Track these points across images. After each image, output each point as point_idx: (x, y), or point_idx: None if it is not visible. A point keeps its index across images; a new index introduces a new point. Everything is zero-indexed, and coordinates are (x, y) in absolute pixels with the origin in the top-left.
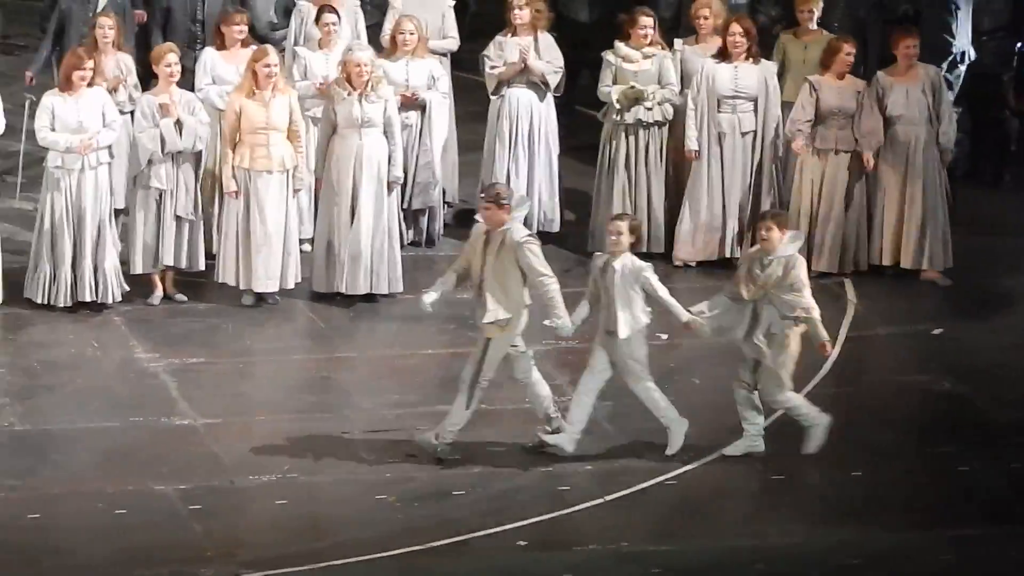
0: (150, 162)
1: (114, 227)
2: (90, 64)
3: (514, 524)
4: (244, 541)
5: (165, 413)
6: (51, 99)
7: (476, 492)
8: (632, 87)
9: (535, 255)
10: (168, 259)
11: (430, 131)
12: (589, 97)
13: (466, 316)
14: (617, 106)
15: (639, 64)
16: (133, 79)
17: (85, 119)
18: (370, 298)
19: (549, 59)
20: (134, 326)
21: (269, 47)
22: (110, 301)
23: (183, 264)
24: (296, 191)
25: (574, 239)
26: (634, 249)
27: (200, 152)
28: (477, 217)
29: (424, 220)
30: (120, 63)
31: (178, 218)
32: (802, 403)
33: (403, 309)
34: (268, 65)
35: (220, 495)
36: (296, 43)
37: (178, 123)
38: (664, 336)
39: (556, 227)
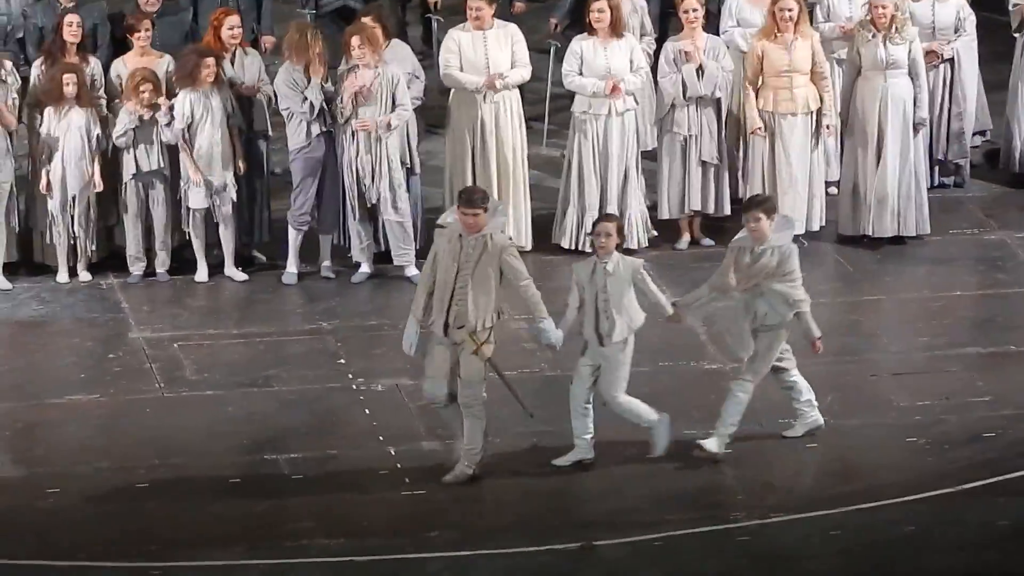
0: (673, 107)
1: (640, 173)
2: (607, 11)
3: None
4: (773, 484)
5: (694, 358)
6: (579, 44)
7: (1008, 434)
8: None
9: (518, 258)
10: (695, 204)
11: (960, 79)
12: None
13: (995, 257)
14: None
15: None
16: (648, 24)
17: (613, 64)
18: (897, 240)
19: None
20: (662, 271)
21: None
22: (635, 246)
23: (710, 209)
24: (829, 132)
25: None
26: (619, 248)
27: (720, 98)
28: (441, 222)
29: (951, 164)
30: (636, 6)
31: (703, 163)
32: (744, 404)
33: (931, 251)
34: (783, 8)
35: (750, 439)
36: None
37: (700, 69)
38: None
39: None
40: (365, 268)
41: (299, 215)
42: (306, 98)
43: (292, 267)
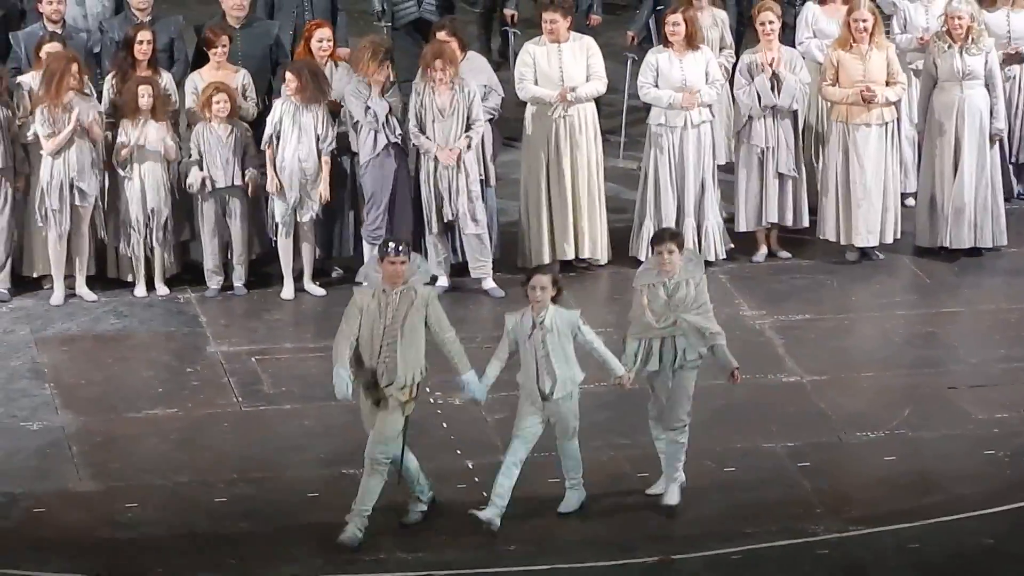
0: (750, 119)
1: (717, 185)
2: (682, 24)
3: None
4: (852, 497)
5: (772, 370)
6: (655, 56)
7: None
8: None
9: (441, 308)
10: (772, 216)
11: None
12: None
13: None
14: None
15: None
16: (728, 37)
17: (689, 76)
18: (974, 252)
19: None
20: (739, 283)
21: (862, 0)
22: (713, 258)
23: (787, 221)
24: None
25: None
26: (556, 300)
27: (797, 110)
28: (360, 279)
29: None
30: (716, 19)
31: (780, 175)
32: (685, 446)
33: (1008, 263)
34: (858, 20)
35: (828, 452)
36: None
37: (776, 81)
38: None
39: None
40: (443, 282)
41: (372, 229)
42: (368, 107)
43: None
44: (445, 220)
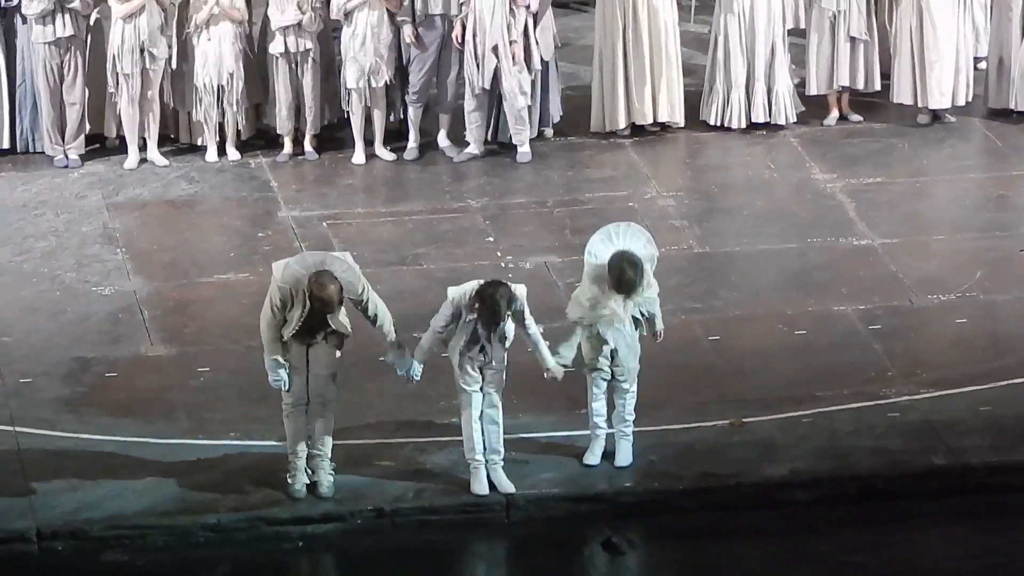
0: None
1: (787, 49)
2: None
3: None
4: (924, 360)
5: (843, 234)
6: None
7: None
8: None
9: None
10: (844, 79)
11: None
12: None
13: None
14: None
15: None
16: None
17: None
18: None
19: None
20: (810, 147)
21: None
22: (784, 122)
23: (859, 84)
24: None
25: None
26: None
27: None
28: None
29: None
30: None
31: (852, 39)
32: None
33: None
34: None
35: (900, 315)
36: None
37: None
38: None
39: None
40: (473, 149)
41: (413, 92)
42: None
43: (412, 142)
44: (488, 87)
